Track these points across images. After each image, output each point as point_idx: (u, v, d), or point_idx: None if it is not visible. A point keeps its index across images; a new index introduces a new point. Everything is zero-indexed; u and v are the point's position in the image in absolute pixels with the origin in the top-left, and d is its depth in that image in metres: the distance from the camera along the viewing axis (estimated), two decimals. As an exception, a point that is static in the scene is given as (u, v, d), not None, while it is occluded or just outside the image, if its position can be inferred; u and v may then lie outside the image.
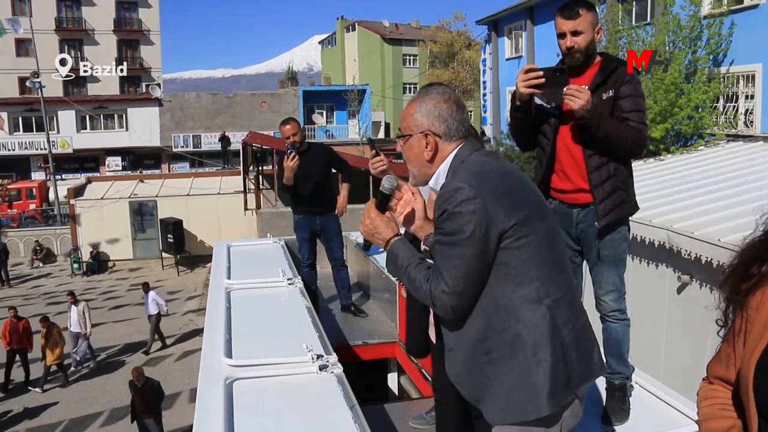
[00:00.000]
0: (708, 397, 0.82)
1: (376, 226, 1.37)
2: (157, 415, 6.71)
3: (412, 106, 1.34)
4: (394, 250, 1.33)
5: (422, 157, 1.32)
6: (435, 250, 1.25)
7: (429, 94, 1.34)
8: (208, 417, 1.62)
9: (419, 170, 1.35)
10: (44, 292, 14.16)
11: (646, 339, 4.44)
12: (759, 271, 0.73)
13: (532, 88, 1.73)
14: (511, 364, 1.22)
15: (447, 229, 1.20)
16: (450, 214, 1.19)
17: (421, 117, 1.31)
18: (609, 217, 1.85)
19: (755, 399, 0.69)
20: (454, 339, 1.30)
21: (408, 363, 3.09)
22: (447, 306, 1.22)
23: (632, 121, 1.81)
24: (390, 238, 1.35)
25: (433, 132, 1.30)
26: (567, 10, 1.79)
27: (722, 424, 0.77)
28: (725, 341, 0.79)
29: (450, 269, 1.20)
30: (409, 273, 1.29)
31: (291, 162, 3.26)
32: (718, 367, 0.82)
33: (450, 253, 1.20)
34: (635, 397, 2.01)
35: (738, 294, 0.75)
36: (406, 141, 1.34)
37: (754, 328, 0.72)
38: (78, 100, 24.25)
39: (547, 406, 1.20)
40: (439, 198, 1.23)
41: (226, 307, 2.45)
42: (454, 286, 1.20)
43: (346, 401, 1.68)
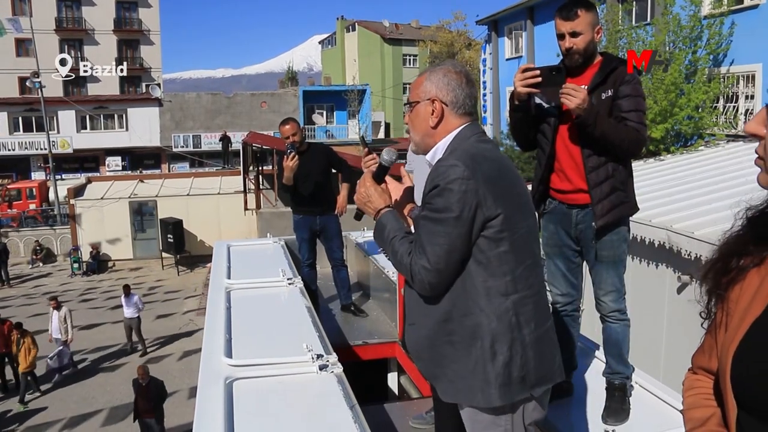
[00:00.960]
0: (692, 387, 0.84)
1: (370, 195, 1.38)
2: (159, 414, 6.70)
3: (423, 76, 1.35)
4: (383, 221, 1.34)
5: (427, 123, 1.32)
6: (419, 224, 1.25)
7: (442, 65, 1.35)
8: (208, 417, 1.62)
9: (422, 138, 1.35)
10: (44, 292, 14.16)
11: (646, 339, 4.44)
12: (738, 265, 0.74)
13: (529, 88, 1.73)
14: (469, 350, 1.24)
15: (436, 204, 1.20)
16: (441, 189, 1.19)
17: (430, 84, 1.32)
18: (607, 217, 1.84)
19: (732, 389, 0.70)
20: (418, 314, 1.31)
21: (408, 363, 3.09)
22: (425, 282, 1.22)
23: (631, 121, 1.80)
24: (381, 209, 1.36)
25: (440, 99, 1.30)
26: (565, 11, 1.79)
27: (703, 413, 0.78)
28: (708, 333, 0.81)
29: (433, 246, 1.20)
30: (393, 244, 1.29)
31: (291, 162, 3.26)
32: (701, 358, 0.83)
33: (435, 229, 1.20)
34: (635, 397, 2.02)
35: (719, 287, 0.76)
36: (413, 108, 1.34)
37: (732, 320, 0.73)
38: (78, 100, 24.24)
39: (498, 398, 1.23)
40: (432, 172, 1.23)
41: (226, 306, 2.46)
42: (435, 264, 1.20)
43: (346, 401, 1.68)
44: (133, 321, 9.70)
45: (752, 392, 0.68)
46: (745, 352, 0.70)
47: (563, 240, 1.96)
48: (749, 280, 0.73)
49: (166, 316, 11.95)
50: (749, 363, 0.69)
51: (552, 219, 1.96)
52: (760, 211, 0.73)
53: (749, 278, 0.73)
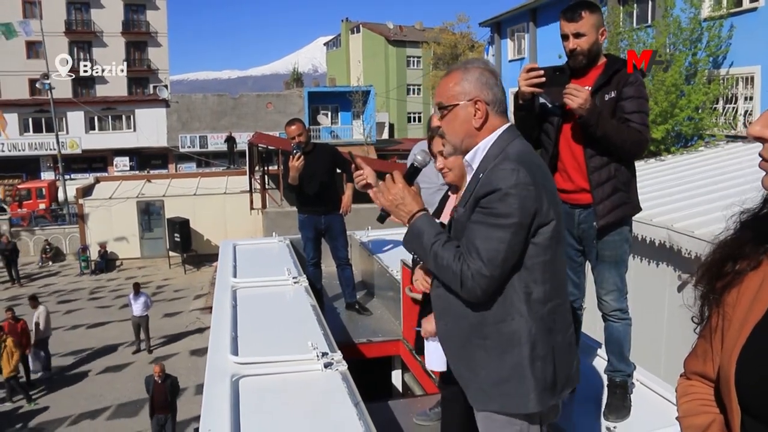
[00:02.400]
0: (687, 393, 0.81)
1: (404, 197, 1.30)
2: (173, 411, 6.76)
3: (455, 76, 1.28)
4: (419, 225, 1.27)
5: (469, 125, 1.27)
6: (472, 228, 1.19)
7: (472, 64, 1.30)
8: (214, 413, 1.63)
9: (462, 140, 1.28)
10: (54, 291, 14.32)
11: (647, 337, 4.43)
12: (733, 269, 0.73)
13: (533, 87, 1.74)
14: (504, 356, 1.22)
15: (497, 209, 1.15)
16: (504, 194, 1.15)
17: (468, 85, 1.26)
18: (608, 218, 1.85)
19: (737, 394, 0.69)
20: (450, 315, 1.28)
21: (412, 360, 3.11)
22: (478, 288, 1.17)
23: (634, 123, 1.81)
24: (416, 212, 1.29)
25: (482, 99, 1.26)
26: (569, 13, 1.80)
27: (703, 419, 0.76)
28: (701, 337, 0.79)
29: (491, 251, 1.15)
30: (435, 250, 1.22)
31: (296, 162, 3.29)
32: (695, 363, 0.81)
33: (495, 235, 1.15)
34: (636, 395, 2.02)
35: (713, 292, 0.75)
36: (450, 111, 1.28)
37: (733, 325, 0.71)
38: (87, 101, 24.44)
39: (536, 404, 1.21)
40: (492, 176, 1.17)
41: (232, 305, 2.48)
42: (492, 270, 1.16)
43: (350, 398, 1.69)
44: (141, 319, 9.79)
45: (758, 397, 0.67)
46: (749, 357, 0.68)
47: (566, 239, 1.97)
48: (747, 284, 0.71)
49: (173, 314, 12.04)
50: (754, 367, 0.68)
51: None
52: (754, 215, 0.73)
53: (747, 281, 0.71)
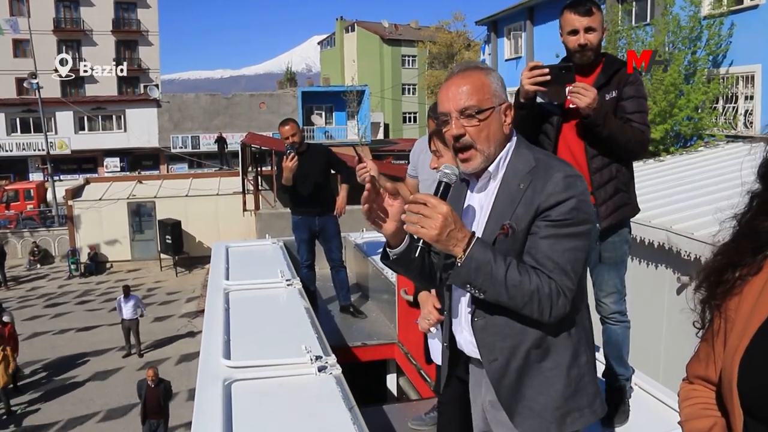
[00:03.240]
0: (689, 397, 0.82)
1: (455, 221, 1.06)
2: (165, 416, 6.69)
3: (480, 77, 1.15)
4: (482, 251, 1.06)
5: (501, 133, 1.17)
6: (545, 243, 1.08)
7: (482, 66, 1.22)
8: (206, 418, 1.61)
9: (495, 149, 1.17)
10: (43, 294, 14.12)
11: (646, 340, 4.43)
12: (733, 276, 0.74)
13: (536, 86, 1.72)
14: (568, 371, 1.15)
15: (573, 218, 1.09)
16: (579, 202, 1.09)
17: (498, 88, 1.17)
18: (610, 219, 1.84)
19: (740, 396, 0.70)
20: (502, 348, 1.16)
21: (407, 364, 3.08)
22: (567, 304, 1.09)
23: (635, 122, 1.80)
24: (470, 238, 1.07)
25: (510, 103, 1.20)
26: (581, 7, 1.77)
27: (705, 423, 0.77)
28: (704, 341, 0.80)
29: (573, 262, 1.08)
30: (513, 277, 1.06)
31: (290, 162, 3.26)
32: (697, 367, 0.82)
33: (572, 245, 1.08)
34: (635, 399, 2.01)
35: (714, 298, 0.76)
36: (488, 116, 1.14)
37: (735, 327, 0.72)
38: (76, 101, 24.20)
39: (601, 408, 1.19)
40: (554, 184, 1.09)
41: (224, 308, 2.44)
42: (575, 284, 1.09)
43: (345, 402, 1.67)
44: (131, 322, 9.67)
45: (761, 399, 0.68)
46: (752, 359, 0.69)
47: None
48: (749, 288, 0.72)
49: (165, 317, 11.92)
50: (757, 369, 0.69)
51: None
52: (748, 220, 0.74)
53: (749, 286, 0.72)
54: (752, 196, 0.74)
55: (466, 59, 27.70)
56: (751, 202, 0.75)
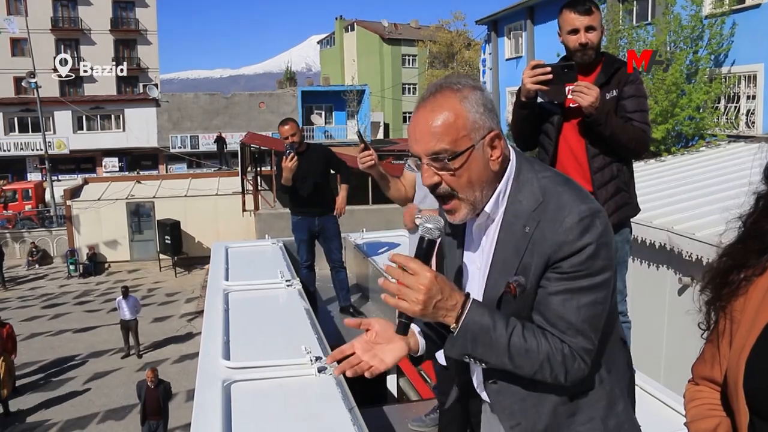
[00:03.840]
0: (695, 398, 0.82)
1: (442, 289, 0.90)
2: (164, 417, 6.66)
3: (453, 107, 0.90)
4: (477, 320, 0.90)
5: (488, 172, 0.93)
6: (556, 300, 0.91)
7: (460, 84, 0.93)
8: (205, 419, 1.60)
9: (481, 193, 0.94)
10: (41, 294, 14.09)
11: (647, 341, 4.43)
12: (738, 277, 0.74)
13: (538, 85, 1.71)
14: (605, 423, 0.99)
15: (590, 269, 0.89)
16: (598, 247, 0.88)
17: (478, 116, 0.91)
18: (611, 218, 1.83)
19: (746, 395, 0.70)
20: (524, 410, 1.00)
21: (407, 365, 3.07)
22: (585, 368, 0.92)
23: (636, 121, 1.80)
24: (463, 304, 0.91)
25: (497, 130, 0.93)
26: (581, 6, 1.77)
27: (710, 423, 0.77)
28: (709, 342, 0.80)
29: (588, 320, 0.90)
30: (517, 344, 0.90)
31: (290, 162, 3.24)
32: (703, 368, 0.82)
33: (588, 299, 0.90)
34: (636, 400, 2.00)
35: (720, 299, 0.76)
36: (467, 160, 0.91)
37: (741, 328, 0.72)
38: (74, 100, 24.17)
39: None
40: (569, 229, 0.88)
41: (224, 308, 2.43)
42: (595, 340, 0.91)
43: (344, 403, 1.66)
44: (130, 323, 9.65)
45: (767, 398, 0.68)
46: (759, 359, 0.69)
47: None
48: (754, 289, 0.73)
49: (164, 318, 11.90)
50: (763, 369, 0.69)
51: None
52: (754, 221, 0.74)
53: (754, 287, 0.73)
54: (758, 197, 0.74)
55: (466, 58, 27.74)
56: (757, 203, 0.75)
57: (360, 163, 2.02)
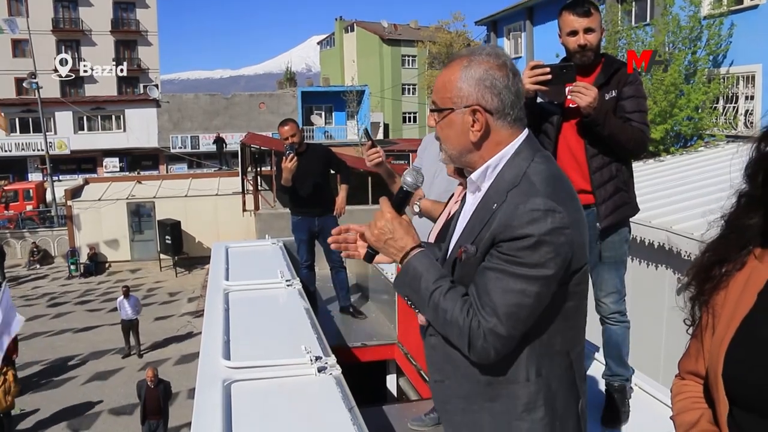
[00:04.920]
0: (680, 392, 0.84)
1: (393, 230, 1.04)
2: (165, 417, 6.66)
3: (454, 72, 1.01)
4: (415, 266, 1.02)
5: (465, 139, 1.01)
6: (488, 276, 0.96)
7: (479, 54, 1.01)
8: (206, 419, 1.60)
9: (459, 153, 1.04)
10: (43, 294, 14.11)
11: (646, 341, 4.43)
12: (720, 272, 0.77)
13: (537, 85, 1.72)
14: (519, 423, 1.01)
15: (524, 259, 0.93)
16: (535, 242, 0.92)
17: (467, 86, 0.99)
18: (610, 218, 1.84)
19: (725, 386, 0.72)
20: (450, 372, 1.05)
21: (407, 365, 3.08)
22: (491, 349, 0.95)
23: (635, 122, 1.81)
24: (410, 249, 1.03)
25: (483, 107, 0.99)
26: (580, 8, 1.78)
27: (693, 415, 0.79)
28: (694, 337, 0.82)
29: (511, 307, 0.94)
30: (436, 299, 0.99)
31: (290, 163, 3.25)
32: (688, 363, 0.84)
33: (518, 287, 0.93)
34: (635, 399, 2.01)
35: (702, 294, 0.79)
36: (445, 117, 1.02)
37: (721, 321, 0.75)
38: (75, 101, 24.18)
39: None
40: (518, 215, 0.94)
41: (224, 308, 2.44)
42: (511, 329, 0.94)
43: (344, 403, 1.66)
44: (131, 323, 9.66)
45: (746, 388, 0.69)
46: (737, 350, 0.71)
47: None
48: (734, 283, 0.75)
49: (164, 318, 11.91)
50: (741, 359, 0.71)
51: None
52: (734, 218, 0.77)
53: (734, 281, 0.75)
54: (740, 196, 0.77)
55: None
56: (739, 200, 0.77)
57: (367, 160, 2.03)
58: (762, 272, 0.73)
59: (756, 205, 0.74)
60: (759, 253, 0.74)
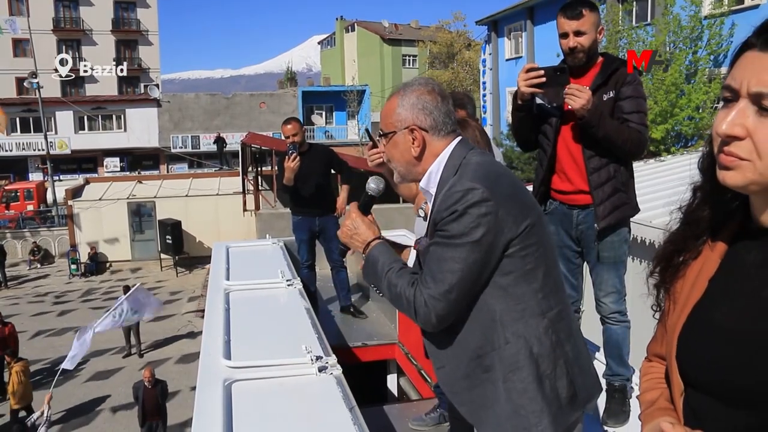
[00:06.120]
0: (646, 373, 0.90)
1: (357, 226, 1.28)
2: (164, 416, 6.65)
3: (393, 102, 1.24)
4: (374, 254, 1.24)
5: (409, 154, 1.22)
6: (428, 253, 1.14)
7: (410, 86, 1.24)
8: (206, 418, 1.60)
9: (406, 168, 1.26)
10: (44, 293, 14.12)
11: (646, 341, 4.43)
12: (679, 261, 0.82)
13: (533, 88, 1.72)
14: (510, 385, 1.13)
15: (451, 231, 1.10)
16: (459, 214, 1.09)
17: (404, 111, 1.21)
18: (609, 219, 1.84)
19: (678, 368, 0.77)
20: (446, 355, 1.19)
21: (407, 364, 3.08)
22: (432, 314, 1.11)
23: (633, 123, 1.81)
24: (370, 241, 1.26)
25: (418, 126, 1.20)
26: (570, 10, 1.78)
27: (654, 394, 0.85)
28: (660, 322, 0.88)
29: (444, 273, 1.10)
30: (389, 278, 1.18)
31: (292, 162, 3.25)
32: (655, 346, 0.90)
33: (448, 255, 1.10)
34: (635, 399, 2.00)
35: (665, 282, 0.84)
36: (390, 139, 1.24)
37: (677, 307, 0.80)
38: (76, 100, 24.19)
39: (551, 427, 1.12)
40: (446, 198, 1.12)
41: (224, 308, 2.44)
42: (445, 292, 1.09)
43: (345, 403, 1.66)
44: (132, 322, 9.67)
45: (697, 369, 0.74)
46: (689, 334, 0.76)
47: (564, 241, 1.96)
48: (690, 271, 0.81)
49: (165, 317, 11.92)
50: (692, 342, 0.76)
51: (553, 220, 1.96)
52: (692, 210, 0.82)
53: (689, 270, 0.81)
54: (695, 189, 0.82)
55: (467, 59, 27.74)
56: (694, 194, 0.82)
57: (369, 160, 2.03)
58: (713, 261, 0.78)
59: (707, 198, 0.79)
60: (711, 243, 0.79)
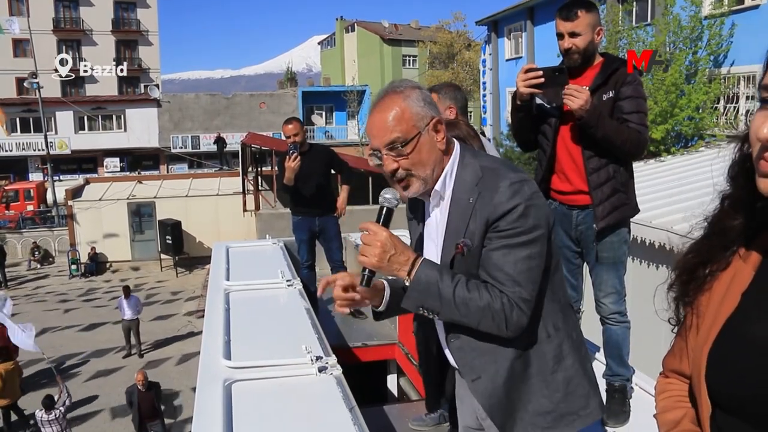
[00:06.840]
0: (664, 390, 0.85)
1: (395, 245, 1.07)
2: (161, 418, 6.66)
3: (398, 106, 1.10)
4: (427, 273, 1.07)
5: (437, 151, 1.12)
6: (494, 255, 1.06)
7: (401, 88, 1.14)
8: (206, 419, 1.60)
9: (433, 169, 1.12)
10: (43, 294, 14.12)
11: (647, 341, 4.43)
12: (704, 273, 0.78)
13: (531, 88, 1.72)
14: (553, 376, 1.13)
15: (522, 226, 1.04)
16: (524, 208, 1.04)
17: (420, 109, 1.11)
18: (608, 219, 1.84)
19: (708, 388, 0.72)
20: (483, 364, 1.14)
21: (407, 365, 3.08)
22: (524, 316, 1.05)
23: (632, 123, 1.80)
24: (413, 259, 1.08)
25: (438, 117, 1.13)
26: (565, 11, 1.78)
27: (676, 414, 0.80)
28: (678, 336, 0.83)
29: (525, 272, 1.04)
30: (462, 295, 1.05)
31: (292, 162, 3.25)
32: (672, 361, 0.85)
33: (522, 254, 1.04)
34: (635, 399, 2.01)
35: (686, 295, 0.79)
36: (416, 144, 1.10)
37: (705, 321, 0.75)
38: (76, 100, 24.19)
39: (599, 409, 1.16)
40: (494, 196, 1.05)
41: (224, 308, 2.44)
42: (531, 291, 1.05)
43: (345, 403, 1.67)
44: (132, 323, 9.67)
45: (728, 389, 0.69)
46: (720, 351, 0.71)
47: (563, 241, 1.96)
48: (718, 284, 0.76)
49: (165, 317, 11.92)
50: (724, 360, 0.71)
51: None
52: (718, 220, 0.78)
53: (718, 282, 0.76)
54: (723, 197, 0.79)
55: (467, 59, 27.73)
56: (722, 202, 0.79)
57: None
58: (746, 273, 0.73)
59: (738, 207, 0.75)
60: (743, 254, 0.74)
